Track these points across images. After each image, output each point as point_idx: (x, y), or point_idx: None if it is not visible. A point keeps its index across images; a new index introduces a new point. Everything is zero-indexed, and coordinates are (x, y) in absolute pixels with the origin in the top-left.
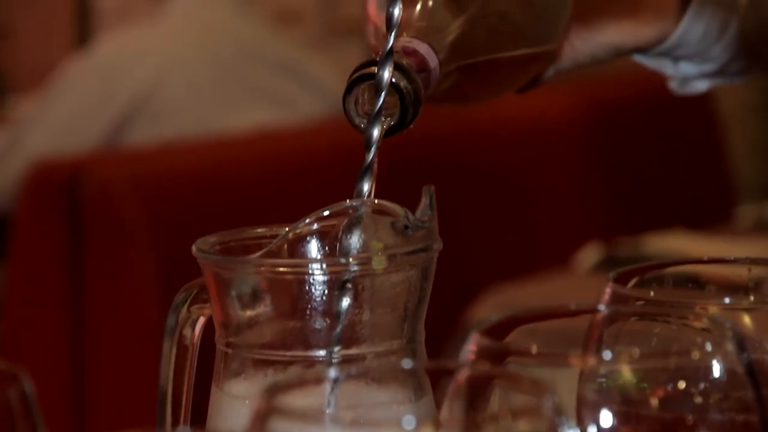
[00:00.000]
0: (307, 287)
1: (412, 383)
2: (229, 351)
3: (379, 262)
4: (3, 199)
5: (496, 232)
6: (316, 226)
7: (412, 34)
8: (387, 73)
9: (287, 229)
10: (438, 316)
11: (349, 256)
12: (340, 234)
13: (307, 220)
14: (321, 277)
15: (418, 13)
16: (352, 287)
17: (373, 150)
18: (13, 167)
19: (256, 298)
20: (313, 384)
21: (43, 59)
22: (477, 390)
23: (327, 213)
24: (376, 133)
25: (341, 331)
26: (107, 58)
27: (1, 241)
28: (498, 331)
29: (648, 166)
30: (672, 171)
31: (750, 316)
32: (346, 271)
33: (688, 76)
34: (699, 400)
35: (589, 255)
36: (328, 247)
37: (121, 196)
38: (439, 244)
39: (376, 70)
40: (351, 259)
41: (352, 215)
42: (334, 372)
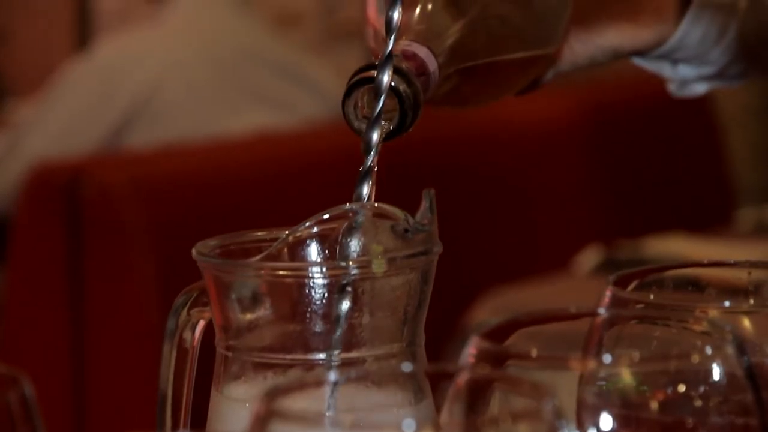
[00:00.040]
0: (307, 290)
1: (412, 386)
2: (229, 354)
3: (379, 266)
4: (3, 202)
5: (496, 235)
6: (316, 230)
7: (411, 37)
8: (386, 77)
9: (287, 232)
10: (438, 319)
11: (349, 259)
12: (340, 237)
13: (307, 224)
14: (321, 281)
15: (417, 16)
16: (352, 290)
17: (372, 154)
18: (13, 170)
19: (256, 301)
20: (313, 387)
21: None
22: (477, 393)
23: (327, 216)
24: (375, 136)
25: (341, 335)
26: (107, 61)
27: (1, 244)
28: (498, 334)
29: (648, 169)
30: (672, 174)
31: (750, 319)
32: (346, 275)
33: (687, 78)
34: (699, 403)
35: (589, 258)
36: (328, 250)
37: (121, 198)
38: (439, 248)
39: (376, 73)
40: (351, 262)
41: (352, 218)
42: (334, 375)
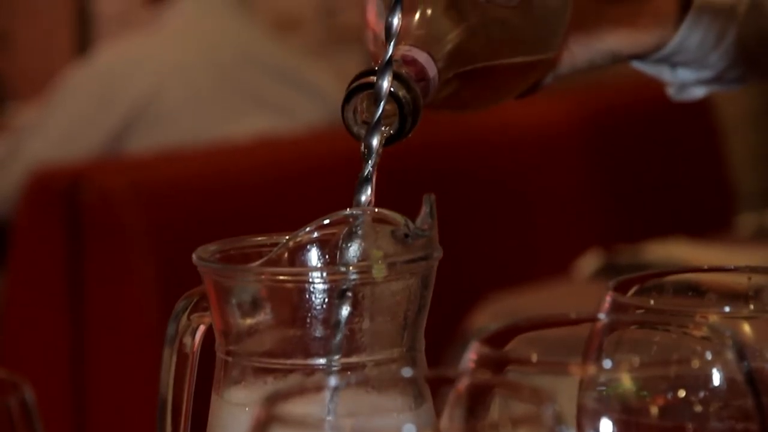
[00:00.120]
0: (307, 296)
1: (412, 391)
2: (229, 359)
3: (379, 271)
4: (3, 206)
5: (496, 239)
6: (316, 235)
7: (411, 42)
8: (386, 83)
9: (287, 237)
10: (438, 325)
11: (349, 264)
12: (340, 242)
13: (307, 229)
14: (321, 286)
15: (417, 21)
16: (352, 296)
17: (372, 159)
18: (13, 174)
19: (256, 306)
20: (313, 392)
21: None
22: (477, 398)
23: (327, 221)
24: (375, 142)
25: (341, 340)
26: (107, 66)
27: (1, 248)
28: (498, 340)
29: (648, 173)
30: (672, 178)
31: (750, 324)
32: (346, 280)
33: (686, 82)
34: (699, 408)
35: (589, 262)
36: (328, 255)
37: (121, 203)
38: (439, 253)
39: (375, 79)
40: (351, 267)
41: (352, 224)
42: (334, 380)
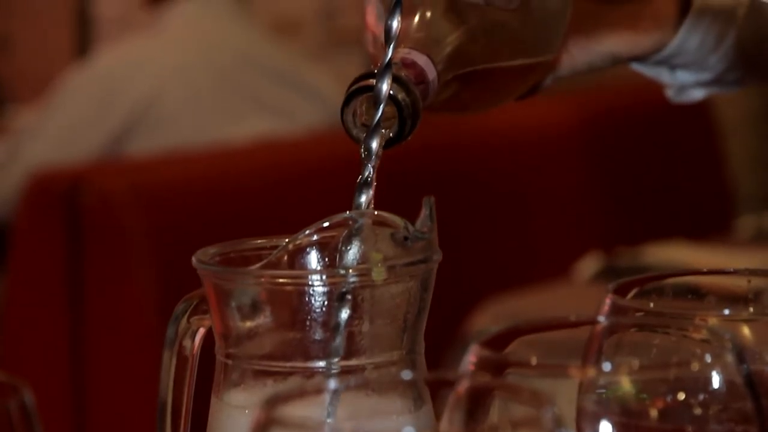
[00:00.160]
0: (306, 298)
1: (412, 394)
2: (229, 362)
3: (378, 274)
4: (3, 209)
5: (496, 242)
6: (315, 237)
7: (410, 45)
8: (385, 86)
9: (287, 240)
10: (438, 327)
11: (349, 267)
12: (340, 245)
13: (306, 231)
14: (321, 289)
15: (416, 24)
16: (351, 298)
17: (372, 162)
18: (13, 177)
19: (255, 309)
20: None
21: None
22: (477, 401)
23: (327, 224)
24: (374, 145)
25: (341, 342)
26: (107, 69)
27: (1, 250)
28: (498, 342)
29: (647, 176)
30: (671, 181)
31: (749, 327)
32: (345, 283)
33: (685, 84)
34: (698, 411)
35: (588, 265)
36: (327, 258)
37: (121, 206)
38: (438, 256)
39: (375, 82)
40: (350, 270)
41: (352, 226)
42: (333, 383)
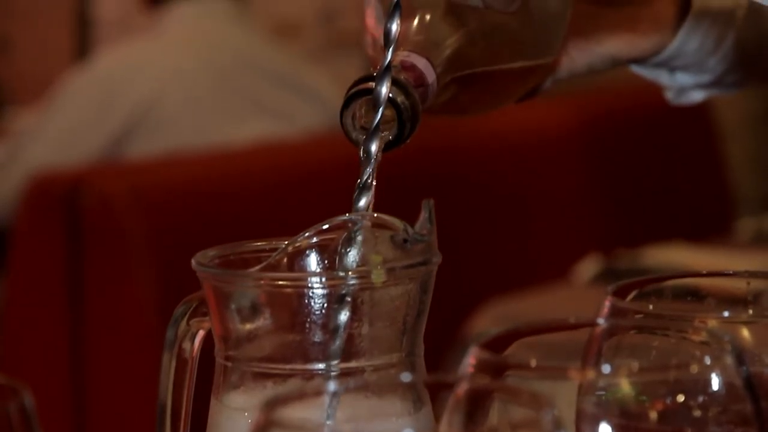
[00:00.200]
0: (306, 301)
1: (412, 396)
2: (229, 364)
3: (378, 276)
4: (3, 211)
5: (495, 244)
6: (315, 240)
7: (410, 48)
8: (385, 89)
9: (286, 242)
10: (437, 330)
11: (348, 269)
12: (339, 247)
13: (306, 234)
14: (320, 291)
15: (416, 26)
16: (351, 301)
17: (371, 164)
18: (13, 179)
19: (255, 311)
20: (312, 397)
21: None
22: (476, 403)
23: (326, 226)
24: (374, 147)
25: (340, 345)
26: (107, 71)
27: (1, 253)
28: (497, 345)
29: (647, 178)
30: (671, 183)
31: (749, 329)
32: (345, 285)
33: (684, 86)
34: (698, 413)
35: (588, 267)
36: (327, 260)
37: (121, 208)
38: (438, 258)
39: (374, 85)
40: (350, 272)
41: (352, 229)
42: (333, 385)
